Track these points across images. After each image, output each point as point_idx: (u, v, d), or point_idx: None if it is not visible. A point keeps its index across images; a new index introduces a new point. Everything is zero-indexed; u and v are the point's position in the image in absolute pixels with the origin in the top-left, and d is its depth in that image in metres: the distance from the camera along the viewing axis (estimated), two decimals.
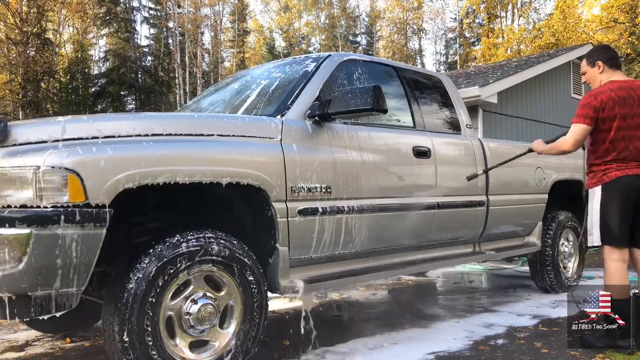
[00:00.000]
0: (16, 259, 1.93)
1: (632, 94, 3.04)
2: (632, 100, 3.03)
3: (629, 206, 3.03)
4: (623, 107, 3.01)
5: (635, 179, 3.02)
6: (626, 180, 3.01)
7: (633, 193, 3.02)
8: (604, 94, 3.04)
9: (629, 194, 3.01)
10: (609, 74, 3.16)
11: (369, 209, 3.13)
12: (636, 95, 3.05)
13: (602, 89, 3.07)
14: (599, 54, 3.21)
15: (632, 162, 3.03)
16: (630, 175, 3.01)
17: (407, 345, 3.20)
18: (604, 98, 3.02)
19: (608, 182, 3.05)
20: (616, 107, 3.00)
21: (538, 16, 31.33)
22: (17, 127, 2.15)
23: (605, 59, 3.17)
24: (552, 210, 4.90)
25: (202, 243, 2.35)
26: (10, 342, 3.43)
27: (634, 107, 3.03)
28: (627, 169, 3.02)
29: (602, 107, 3.01)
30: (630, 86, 3.07)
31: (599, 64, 3.17)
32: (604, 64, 3.17)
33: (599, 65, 3.18)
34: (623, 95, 3.02)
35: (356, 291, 5.30)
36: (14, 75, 21.50)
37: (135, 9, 30.60)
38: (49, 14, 22.69)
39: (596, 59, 3.19)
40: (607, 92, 3.04)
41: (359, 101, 2.75)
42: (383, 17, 37.39)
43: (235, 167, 2.49)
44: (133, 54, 28.18)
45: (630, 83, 3.11)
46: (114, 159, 2.12)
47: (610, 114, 3.01)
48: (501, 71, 10.80)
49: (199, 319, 2.36)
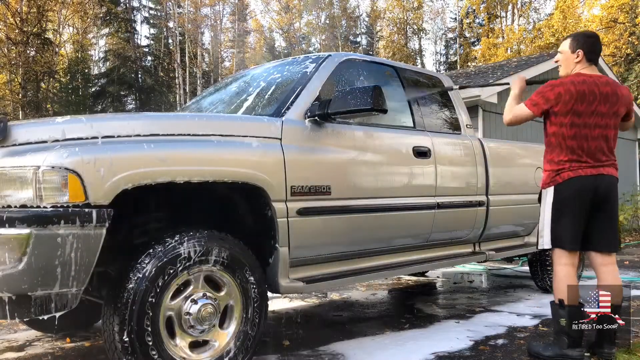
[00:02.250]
0: (16, 259, 1.93)
1: (595, 89, 2.81)
2: (593, 97, 2.80)
3: (582, 209, 2.84)
4: (579, 103, 2.79)
5: (589, 180, 2.82)
6: (579, 182, 2.82)
7: (587, 195, 2.82)
8: (563, 86, 2.82)
9: (582, 196, 2.82)
10: (582, 66, 2.92)
11: (369, 208, 3.13)
12: (599, 91, 2.81)
13: (564, 81, 2.85)
14: (585, 41, 2.93)
15: (585, 162, 2.83)
16: (583, 176, 2.81)
17: (407, 345, 3.20)
18: (561, 91, 2.81)
19: (560, 182, 2.86)
20: (571, 102, 2.79)
21: (538, 16, 31.35)
22: (17, 127, 2.15)
23: (588, 49, 2.91)
24: None
25: (202, 243, 2.35)
26: (10, 342, 3.43)
27: (594, 104, 2.80)
28: (580, 170, 2.82)
29: (556, 100, 2.81)
30: (595, 81, 2.83)
31: (579, 52, 2.91)
32: (584, 54, 2.91)
33: (578, 54, 2.92)
34: (583, 90, 2.79)
35: (356, 291, 5.30)
36: (14, 75, 21.49)
37: (135, 9, 30.61)
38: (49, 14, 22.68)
39: (580, 46, 2.92)
40: (568, 84, 2.82)
41: (359, 101, 2.75)
42: (383, 17, 37.37)
43: (235, 167, 2.50)
44: (133, 54, 28.18)
45: (597, 78, 2.85)
46: (114, 159, 2.12)
47: (563, 109, 2.81)
48: (501, 71, 10.80)
49: (199, 319, 2.36)
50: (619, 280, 2.93)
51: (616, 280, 2.91)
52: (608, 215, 2.90)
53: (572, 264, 2.88)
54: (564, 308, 2.82)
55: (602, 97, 2.82)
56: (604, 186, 2.84)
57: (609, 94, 2.83)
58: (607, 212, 2.89)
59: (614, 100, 2.85)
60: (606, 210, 2.89)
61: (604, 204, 2.87)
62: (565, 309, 2.82)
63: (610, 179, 2.87)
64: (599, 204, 2.86)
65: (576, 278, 2.91)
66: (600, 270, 2.94)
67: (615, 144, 2.95)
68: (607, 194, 2.86)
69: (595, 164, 2.84)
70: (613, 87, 2.87)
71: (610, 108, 2.84)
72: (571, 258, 2.88)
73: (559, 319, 2.84)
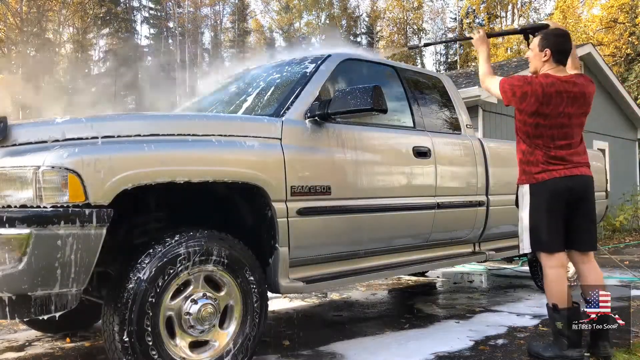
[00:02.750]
0: (16, 259, 1.93)
1: (563, 91, 2.78)
2: (560, 99, 2.77)
3: (559, 210, 2.83)
4: (546, 105, 2.77)
5: (563, 181, 2.80)
6: (553, 183, 2.80)
7: (562, 195, 2.81)
8: (531, 86, 2.78)
9: (557, 197, 2.81)
10: (550, 65, 2.87)
11: (369, 208, 3.13)
12: (566, 94, 2.78)
13: (534, 80, 2.81)
14: (554, 41, 2.87)
15: (558, 164, 2.81)
16: (557, 177, 2.80)
17: (407, 346, 3.20)
18: (529, 91, 2.78)
19: (535, 184, 2.85)
20: (536, 104, 2.77)
21: (538, 16, 31.36)
22: (17, 127, 2.15)
23: (555, 49, 2.85)
24: None
25: (202, 243, 2.35)
26: (10, 342, 3.43)
27: (561, 105, 2.78)
28: (554, 171, 2.81)
29: (522, 98, 2.80)
30: (563, 83, 2.79)
31: (547, 51, 2.86)
32: (551, 54, 2.86)
33: (546, 53, 2.86)
34: (551, 92, 2.76)
35: (356, 291, 5.30)
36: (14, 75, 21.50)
37: (135, 9, 30.65)
38: (49, 14, 22.69)
39: (548, 45, 2.86)
40: (536, 85, 2.78)
41: (359, 101, 2.75)
42: (383, 17, 37.39)
43: (235, 167, 2.49)
44: (133, 54, 28.18)
45: (566, 80, 2.81)
46: (114, 159, 2.12)
47: (528, 109, 2.80)
48: (501, 71, 10.79)
49: (199, 319, 2.36)
50: (600, 277, 2.94)
51: (598, 278, 2.92)
52: (585, 214, 2.90)
53: (561, 265, 2.86)
54: (558, 312, 2.81)
55: (570, 99, 2.80)
56: (578, 186, 2.84)
57: (577, 95, 2.81)
58: (584, 211, 2.89)
59: (582, 101, 2.84)
60: (582, 209, 2.88)
61: (580, 203, 2.87)
62: (559, 313, 2.80)
63: (584, 179, 2.87)
64: (576, 204, 2.86)
65: (566, 279, 2.90)
66: (581, 269, 2.96)
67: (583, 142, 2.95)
68: (583, 194, 2.87)
69: (567, 165, 2.82)
70: (581, 88, 2.83)
71: (578, 109, 2.83)
72: (558, 259, 2.86)
73: (555, 322, 2.84)
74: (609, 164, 10.25)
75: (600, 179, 5.32)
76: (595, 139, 11.13)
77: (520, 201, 2.95)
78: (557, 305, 2.80)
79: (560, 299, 2.80)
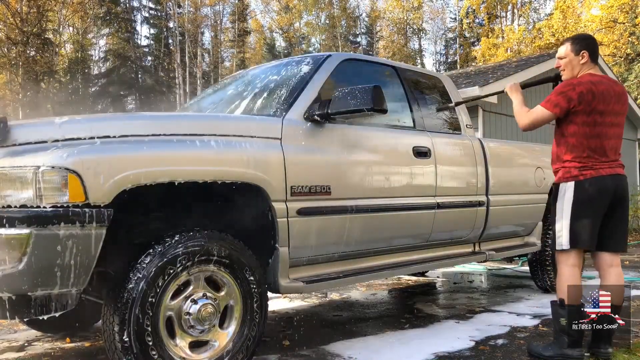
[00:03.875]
0: (16, 259, 1.93)
1: (611, 90, 2.85)
2: (610, 97, 2.83)
3: (602, 209, 2.85)
4: (602, 102, 2.80)
5: (608, 180, 2.83)
6: (601, 182, 2.82)
7: (607, 195, 2.83)
8: (583, 85, 2.81)
9: (603, 196, 2.82)
10: (589, 66, 2.93)
11: (369, 208, 3.13)
12: (614, 91, 2.85)
13: (582, 80, 2.85)
14: (587, 43, 2.95)
15: (605, 162, 2.85)
16: (604, 176, 2.82)
17: (407, 346, 3.20)
18: (583, 90, 2.79)
19: (582, 180, 2.83)
20: (594, 101, 2.79)
21: (538, 16, 31.35)
22: (17, 127, 2.15)
23: (591, 50, 2.93)
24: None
25: (202, 243, 2.35)
26: (10, 342, 3.43)
27: (611, 103, 2.84)
28: (601, 169, 2.83)
29: (579, 99, 2.79)
30: (609, 81, 2.90)
31: (584, 53, 2.92)
32: (589, 55, 2.92)
33: (583, 55, 2.92)
34: (602, 90, 2.81)
35: (356, 291, 5.30)
36: (14, 75, 21.49)
37: (135, 9, 30.63)
38: (49, 14, 22.68)
39: (584, 47, 2.92)
40: (588, 84, 2.81)
41: (359, 101, 2.75)
42: (383, 17, 37.38)
43: (235, 168, 2.49)
44: (133, 54, 28.18)
45: (608, 79, 2.93)
46: (114, 159, 2.12)
47: (587, 108, 2.80)
48: (501, 71, 10.79)
49: (199, 319, 2.36)
50: (622, 281, 2.93)
51: (620, 281, 2.91)
52: (620, 216, 2.92)
53: (579, 265, 2.89)
54: (564, 308, 2.81)
55: (616, 97, 2.87)
56: (621, 186, 2.88)
57: (620, 93, 2.91)
58: (620, 212, 2.91)
59: (624, 99, 2.93)
60: (620, 211, 2.91)
61: (619, 204, 2.89)
62: (565, 309, 2.81)
63: (625, 179, 2.93)
64: (615, 204, 2.87)
65: (580, 279, 2.92)
66: (606, 271, 2.94)
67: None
68: (623, 194, 2.90)
69: (612, 164, 2.87)
70: (621, 87, 2.96)
71: (622, 107, 2.92)
72: (579, 259, 2.89)
73: (559, 319, 2.84)
74: None
75: None
76: None
77: (561, 194, 2.90)
78: (565, 301, 2.81)
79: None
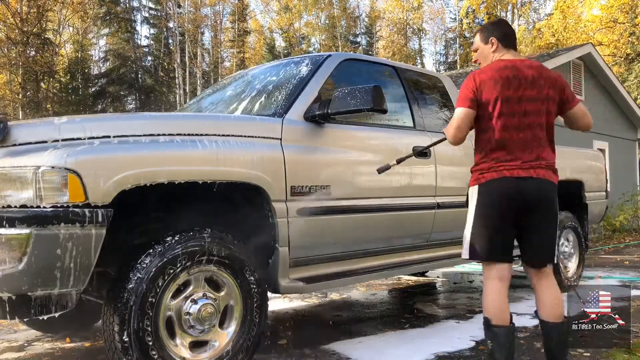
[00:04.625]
0: (16, 259, 1.93)
1: (519, 74, 2.43)
2: (518, 82, 2.41)
3: (504, 216, 2.39)
4: (506, 88, 2.40)
5: (513, 183, 2.36)
6: (502, 184, 2.38)
7: (513, 199, 2.37)
8: (484, 73, 2.46)
9: (506, 201, 2.37)
10: (501, 53, 2.58)
11: (369, 208, 3.13)
12: (523, 76, 2.43)
13: (484, 69, 2.51)
14: (494, 29, 2.62)
15: (512, 160, 2.38)
16: (508, 177, 2.37)
17: (407, 346, 3.20)
18: (484, 78, 2.44)
19: (483, 183, 2.44)
20: (497, 87, 2.40)
21: (538, 16, 31.38)
22: (17, 127, 2.15)
23: (500, 35, 2.59)
24: None
25: (202, 243, 2.35)
26: (10, 342, 3.43)
27: (520, 89, 2.41)
28: (505, 170, 2.38)
29: (480, 87, 2.43)
30: (517, 65, 2.46)
31: (492, 40, 2.59)
32: (498, 41, 2.58)
33: (492, 42, 2.59)
34: (507, 75, 2.42)
35: (356, 291, 5.30)
36: (14, 75, 21.50)
37: (135, 9, 30.61)
38: (49, 14, 22.68)
39: (490, 34, 2.61)
40: (489, 71, 2.46)
41: (359, 101, 2.75)
42: (383, 17, 37.38)
43: (235, 167, 2.49)
44: (133, 54, 28.18)
45: (519, 62, 2.49)
46: (114, 159, 2.12)
47: (489, 97, 2.41)
48: None
49: (199, 319, 2.36)
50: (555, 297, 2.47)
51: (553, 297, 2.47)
52: (537, 226, 2.42)
53: (499, 278, 2.42)
54: (490, 328, 2.38)
55: (528, 82, 2.43)
56: (532, 192, 2.38)
57: (534, 77, 2.45)
58: (536, 221, 2.42)
59: (542, 83, 2.45)
60: (535, 220, 2.41)
61: (532, 213, 2.40)
62: (490, 330, 2.38)
63: (541, 184, 2.39)
64: (527, 212, 2.40)
65: (504, 295, 2.42)
66: (534, 285, 2.53)
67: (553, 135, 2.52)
68: (537, 202, 2.39)
69: (523, 165, 2.38)
70: (538, 70, 2.48)
71: (539, 92, 2.43)
72: (498, 271, 2.42)
73: (487, 340, 2.42)
74: (608, 164, 10.26)
75: (600, 179, 5.33)
76: (595, 139, 11.13)
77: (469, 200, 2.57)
78: (490, 321, 2.37)
79: (492, 314, 2.38)
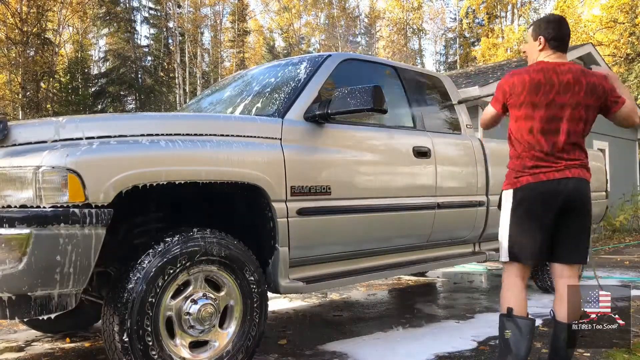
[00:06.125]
0: (16, 259, 1.93)
1: (553, 77, 2.39)
2: (550, 87, 2.38)
3: (544, 219, 2.41)
4: (533, 93, 2.39)
5: (552, 185, 2.39)
6: (540, 188, 2.40)
7: (549, 203, 2.39)
8: (518, 75, 2.45)
9: (543, 204, 2.40)
10: (547, 53, 2.51)
11: (369, 208, 3.13)
12: (558, 80, 2.38)
13: (520, 70, 2.48)
14: (546, 27, 2.52)
15: (547, 164, 2.40)
16: (544, 181, 2.39)
17: (407, 345, 3.20)
18: (515, 81, 2.44)
19: (519, 187, 2.46)
20: (524, 93, 2.41)
21: (538, 16, 31.33)
22: (17, 127, 2.15)
23: (549, 36, 2.50)
24: None
25: (202, 243, 2.35)
26: (10, 342, 3.43)
27: (551, 94, 2.38)
28: (541, 174, 2.40)
29: (510, 91, 2.45)
30: (554, 68, 2.41)
31: (541, 39, 2.51)
32: (546, 41, 2.50)
33: (540, 41, 2.52)
34: (539, 79, 2.39)
35: (356, 291, 5.30)
36: (14, 75, 21.49)
37: (135, 9, 30.58)
38: (49, 14, 22.67)
39: (540, 32, 2.52)
40: (524, 73, 2.44)
41: (359, 101, 2.75)
42: (383, 17, 37.39)
43: (234, 167, 2.49)
44: (133, 54, 28.16)
45: (558, 66, 2.43)
46: (114, 159, 2.12)
47: (517, 101, 2.43)
48: (501, 71, 10.79)
49: (199, 319, 2.36)
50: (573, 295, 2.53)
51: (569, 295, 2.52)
52: (574, 225, 2.46)
53: (522, 277, 2.55)
54: (512, 318, 2.46)
55: (562, 86, 2.39)
56: (570, 192, 2.40)
57: (570, 82, 2.40)
58: (573, 220, 2.45)
59: (577, 89, 2.39)
60: (572, 219, 2.45)
61: (568, 213, 2.44)
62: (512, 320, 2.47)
63: (577, 183, 2.42)
64: (565, 212, 2.43)
65: (525, 289, 2.58)
66: (556, 282, 2.59)
67: (584, 139, 2.50)
68: (573, 202, 2.42)
69: (558, 166, 2.40)
70: (576, 75, 2.42)
71: (572, 98, 2.39)
72: (523, 271, 2.54)
73: (504, 331, 2.48)
74: (608, 164, 10.25)
75: (600, 179, 5.32)
76: (595, 139, 11.13)
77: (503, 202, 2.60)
78: (513, 310, 2.46)
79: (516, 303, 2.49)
